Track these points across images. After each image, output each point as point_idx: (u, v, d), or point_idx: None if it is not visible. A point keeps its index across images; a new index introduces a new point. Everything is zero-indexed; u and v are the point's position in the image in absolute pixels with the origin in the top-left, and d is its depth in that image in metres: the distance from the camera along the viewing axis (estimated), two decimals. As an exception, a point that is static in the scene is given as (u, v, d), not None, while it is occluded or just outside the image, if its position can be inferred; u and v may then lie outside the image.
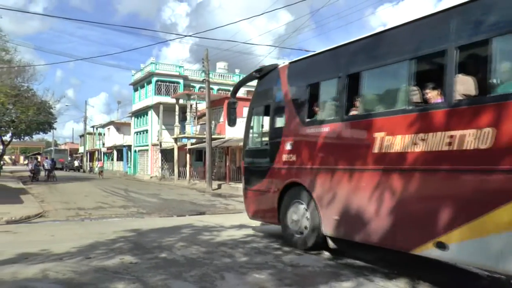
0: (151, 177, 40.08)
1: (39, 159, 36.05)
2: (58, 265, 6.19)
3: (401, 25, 6.01)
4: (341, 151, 6.77)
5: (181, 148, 34.39)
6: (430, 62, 5.73)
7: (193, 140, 33.07)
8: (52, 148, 78.78)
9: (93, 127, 69.50)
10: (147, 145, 44.21)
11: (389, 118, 5.97)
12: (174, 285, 5.34)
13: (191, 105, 33.31)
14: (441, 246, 5.04)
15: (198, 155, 35.09)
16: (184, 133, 32.83)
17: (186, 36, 40.90)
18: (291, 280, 5.64)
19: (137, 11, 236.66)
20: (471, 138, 4.73)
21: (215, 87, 45.87)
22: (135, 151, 48.91)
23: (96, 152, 68.34)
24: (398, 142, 5.66)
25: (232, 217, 12.42)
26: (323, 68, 7.54)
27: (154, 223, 10.98)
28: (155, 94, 43.96)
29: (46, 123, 40.33)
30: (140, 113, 47.30)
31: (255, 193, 8.96)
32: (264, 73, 8.99)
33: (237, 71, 49.97)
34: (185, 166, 32.95)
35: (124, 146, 52.96)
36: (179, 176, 33.79)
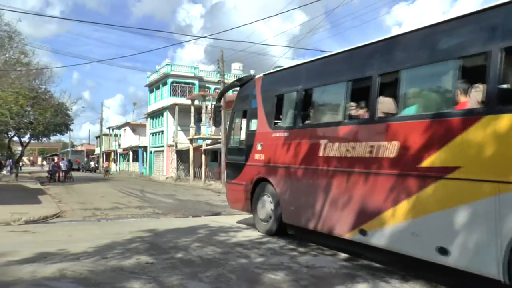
0: (166, 178, 40.34)
1: (56, 160, 36.47)
2: (75, 265, 6.26)
3: (341, 52, 7.45)
4: (296, 153, 8.06)
5: (197, 149, 34.55)
6: (361, 84, 6.78)
7: (209, 141, 33.22)
8: (68, 149, 79.77)
9: (109, 128, 70.26)
10: (163, 146, 44.52)
11: (331, 128, 7.33)
12: (190, 285, 5.37)
13: (206, 106, 33.50)
14: (363, 232, 6.41)
15: (214, 155, 35.22)
16: (200, 134, 33.05)
17: (201, 37, 41.23)
18: (307, 281, 5.62)
19: (152, 13, 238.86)
20: (385, 148, 6.05)
21: (231, 88, 45.97)
22: (150, 152, 49.29)
23: (112, 153, 69.06)
24: (336, 148, 7.02)
25: (248, 218, 12.42)
26: (287, 82, 8.81)
27: (170, 224, 11.05)
28: (170, 95, 44.25)
29: (63, 124, 40.86)
30: (156, 114, 47.66)
31: (234, 186, 10.32)
32: (244, 82, 10.47)
33: (252, 71, 50.01)
34: (200, 166, 33.10)
35: (140, 147, 53.42)
36: (194, 176, 33.93)
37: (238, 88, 10.81)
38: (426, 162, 5.49)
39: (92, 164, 69.40)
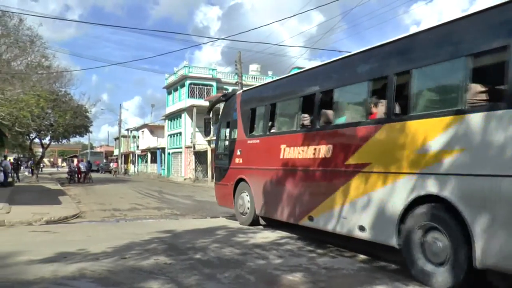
0: (184, 179, 40.55)
1: (75, 162, 37.05)
2: (94, 265, 6.34)
3: (295, 74, 9.87)
4: (265, 156, 9.80)
5: (215, 150, 34.65)
6: (309, 99, 8.39)
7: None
8: (88, 151, 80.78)
9: (127, 130, 70.97)
10: (181, 148, 44.78)
11: (288, 135, 9.04)
12: (208, 286, 5.38)
13: (224, 107, 33.62)
14: (311, 218, 8.08)
15: (232, 157, 35.31)
16: (218, 135, 33.15)
17: (219, 39, 41.31)
18: (325, 283, 5.59)
19: (169, 16, 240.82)
20: (323, 150, 7.78)
21: (248, 89, 46.04)
22: (168, 153, 49.63)
23: (131, 155, 69.72)
24: (292, 151, 8.72)
25: (265, 219, 12.40)
26: (258, 97, 10.68)
27: (188, 225, 11.10)
28: (188, 97, 44.48)
29: (82, 126, 41.40)
30: (174, 116, 47.98)
31: (220, 186, 12.08)
32: (228, 98, 12.27)
33: (270, 73, 49.99)
34: (218, 168, 33.21)
35: (158, 148, 53.83)
36: (212, 178, 34.00)
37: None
38: (350, 160, 7.12)
39: (111, 165, 70.18)
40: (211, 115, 13.95)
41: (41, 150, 43.96)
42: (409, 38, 6.42)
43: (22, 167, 38.57)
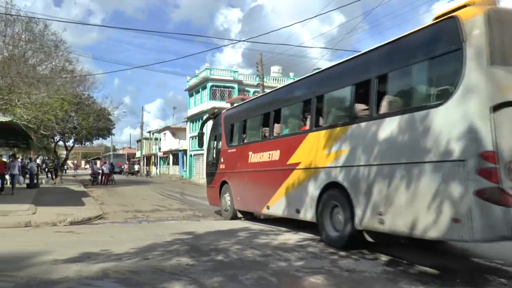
0: (206, 181, 40.60)
1: (98, 164, 37.60)
2: (117, 265, 6.41)
3: (257, 97, 13.46)
4: (239, 162, 12.21)
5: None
6: (266, 116, 10.99)
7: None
8: (110, 153, 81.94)
9: (149, 132, 71.69)
10: (203, 150, 44.97)
11: (254, 144, 11.60)
12: (230, 287, 5.39)
13: (245, 109, 33.61)
14: (268, 208, 10.50)
15: (253, 159, 35.29)
16: (239, 137, 33.17)
17: (240, 41, 41.46)
18: (347, 286, 5.55)
19: (190, 19, 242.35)
20: (274, 155, 10.26)
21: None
22: (190, 155, 49.93)
23: (153, 157, 70.37)
24: (255, 157, 11.27)
25: (288, 221, 12.36)
26: (235, 115, 13.19)
27: (210, 226, 11.16)
28: (210, 99, 44.72)
29: (105, 129, 42.01)
30: (196, 118, 48.26)
31: (210, 188, 14.36)
32: (215, 116, 14.97)
33: (291, 74, 49.90)
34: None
35: (180, 150, 54.21)
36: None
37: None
38: (289, 161, 9.60)
39: (136, 167, 70.96)
40: (204, 130, 16.94)
41: (65, 152, 44.77)
42: (321, 73, 9.45)
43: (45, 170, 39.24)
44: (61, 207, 14.41)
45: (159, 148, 66.50)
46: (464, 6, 6.12)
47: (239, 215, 12.84)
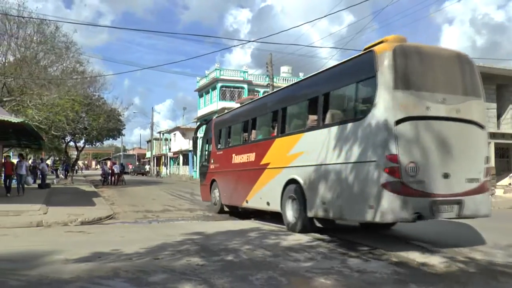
0: (215, 182, 40.58)
1: (108, 164, 37.79)
2: (128, 265, 6.44)
3: (240, 106, 15.19)
4: (225, 162, 14.08)
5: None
6: (245, 123, 13.09)
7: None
8: (121, 153, 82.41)
9: (159, 132, 71.99)
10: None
11: (236, 147, 13.46)
12: (240, 287, 5.38)
13: (255, 110, 33.56)
14: (247, 202, 12.28)
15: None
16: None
17: (250, 41, 41.42)
18: (357, 287, 5.51)
19: (199, 20, 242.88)
20: (251, 156, 12.09)
21: (279, 91, 45.97)
22: (200, 156, 49.90)
23: (163, 157, 70.64)
24: (237, 158, 13.08)
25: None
26: (222, 122, 15.19)
27: (220, 226, 11.17)
28: (219, 100, 44.84)
29: (115, 129, 42.31)
30: (206, 119, 48.32)
31: (203, 186, 16.28)
32: (207, 122, 17.26)
33: (301, 74, 49.81)
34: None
35: (190, 151, 54.28)
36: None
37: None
38: (262, 161, 11.46)
39: (147, 168, 71.26)
40: (197, 134, 19.26)
41: (76, 153, 45.08)
42: (285, 89, 11.88)
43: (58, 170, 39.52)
44: (72, 207, 14.51)
45: (169, 149, 66.73)
46: (381, 42, 8.06)
47: (226, 209, 14.56)
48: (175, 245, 8.17)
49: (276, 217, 11.34)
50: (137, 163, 78.06)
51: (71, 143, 44.37)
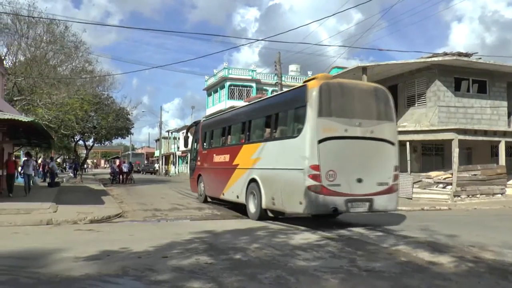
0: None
1: (117, 163, 37.92)
2: (137, 263, 6.48)
3: (220, 114, 17.95)
4: (208, 160, 16.65)
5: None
6: (223, 130, 15.65)
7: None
8: (129, 152, 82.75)
9: (168, 131, 72.18)
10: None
11: (216, 149, 15.82)
12: (249, 286, 5.39)
13: (263, 108, 33.50)
14: (223, 194, 14.67)
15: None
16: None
17: (258, 40, 41.52)
18: (365, 286, 5.49)
19: (207, 19, 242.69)
20: (227, 157, 14.53)
21: (287, 90, 45.95)
22: (208, 154, 49.96)
23: (171, 156, 70.82)
24: (217, 158, 15.48)
25: (306, 220, 12.35)
26: (208, 125, 17.77)
27: (229, 225, 11.19)
28: (228, 99, 44.89)
29: (124, 128, 42.50)
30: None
31: (192, 179, 19.03)
32: (196, 124, 19.61)
33: (309, 73, 49.75)
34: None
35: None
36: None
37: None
38: (233, 162, 13.67)
39: (157, 166, 71.48)
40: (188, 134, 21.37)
41: (85, 151, 45.33)
42: (251, 105, 14.18)
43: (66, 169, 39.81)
44: (81, 205, 14.60)
45: (178, 147, 66.88)
46: (313, 78, 10.66)
47: (209, 199, 17.24)
48: (183, 243, 8.20)
49: (290, 215, 11.32)
50: (145, 162, 78.34)
51: (80, 142, 44.64)
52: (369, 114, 10.60)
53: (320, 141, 9.84)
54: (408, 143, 19.90)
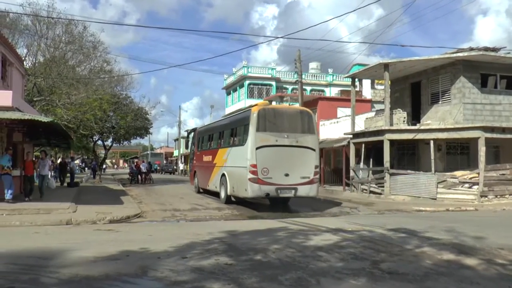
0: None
1: (136, 163, 38.24)
2: (156, 264, 6.54)
3: (210, 124, 24.65)
4: (200, 160, 22.28)
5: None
6: (210, 136, 21.47)
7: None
8: (148, 152, 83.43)
9: (187, 131, 72.46)
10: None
11: (205, 151, 21.64)
12: (269, 287, 5.39)
13: (283, 107, 33.42)
14: (208, 185, 20.12)
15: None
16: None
17: (277, 37, 41.46)
18: (391, 288, 5.44)
19: (224, 17, 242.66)
20: (210, 158, 20.08)
21: (308, 88, 45.84)
22: (227, 154, 50.06)
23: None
24: (205, 158, 21.17)
25: (327, 220, 12.30)
26: (201, 131, 23.39)
27: (248, 225, 11.21)
28: (247, 97, 44.92)
29: (142, 128, 42.86)
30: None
31: (190, 174, 25.46)
32: (194, 130, 25.70)
33: (330, 70, 49.50)
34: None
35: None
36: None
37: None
38: (213, 161, 19.18)
39: (181, 166, 71.73)
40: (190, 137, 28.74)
41: (103, 151, 45.87)
42: (225, 119, 21.05)
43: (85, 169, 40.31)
44: (100, 205, 14.80)
45: (197, 147, 66.88)
46: (256, 105, 15.70)
47: (201, 190, 21.97)
48: (203, 244, 8.24)
49: (311, 215, 11.21)
50: (164, 162, 78.84)
51: (99, 142, 45.20)
52: (295, 129, 15.31)
53: (257, 148, 14.72)
54: (431, 142, 19.61)
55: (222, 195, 17.28)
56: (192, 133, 26.13)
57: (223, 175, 17.08)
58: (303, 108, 17.64)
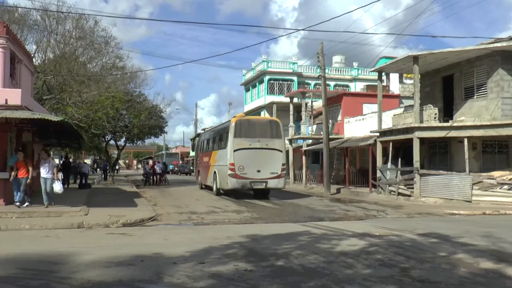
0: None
1: (150, 164, 38.51)
2: (171, 269, 6.58)
3: (210, 128, 33.39)
4: (202, 160, 28.62)
5: (297, 150, 34.52)
6: (208, 140, 27.78)
7: (309, 141, 32.89)
8: (163, 152, 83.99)
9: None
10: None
11: (205, 152, 27.86)
12: (291, 295, 5.37)
13: (306, 104, 33.18)
14: (206, 182, 26.11)
15: (315, 157, 34.93)
16: (299, 133, 32.80)
17: (299, 30, 41.21)
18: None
19: (241, 10, 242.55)
20: (208, 158, 26.15)
21: (332, 83, 45.57)
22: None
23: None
24: (205, 159, 27.50)
25: (353, 225, 12.21)
26: (203, 136, 30.68)
27: (269, 229, 11.18)
28: (267, 94, 44.83)
29: (157, 127, 43.07)
30: (253, 114, 48.45)
31: (196, 173, 33.49)
32: (198, 135, 34.61)
33: (355, 64, 49.12)
34: (300, 169, 32.92)
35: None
36: (294, 179, 33.87)
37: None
38: (210, 162, 25.24)
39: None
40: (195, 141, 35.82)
41: (116, 152, 46.31)
42: (219, 126, 26.81)
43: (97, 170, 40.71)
44: (113, 208, 14.95)
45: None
46: (234, 117, 22.62)
47: (203, 186, 27.18)
48: (221, 248, 8.27)
49: (336, 219, 11.14)
50: (180, 162, 79.32)
51: (112, 142, 45.65)
52: (265, 135, 20.96)
53: (235, 150, 20.43)
54: (466, 140, 19.30)
55: (214, 188, 23.13)
56: (197, 138, 34.43)
57: (215, 172, 22.99)
58: (272, 118, 26.35)
